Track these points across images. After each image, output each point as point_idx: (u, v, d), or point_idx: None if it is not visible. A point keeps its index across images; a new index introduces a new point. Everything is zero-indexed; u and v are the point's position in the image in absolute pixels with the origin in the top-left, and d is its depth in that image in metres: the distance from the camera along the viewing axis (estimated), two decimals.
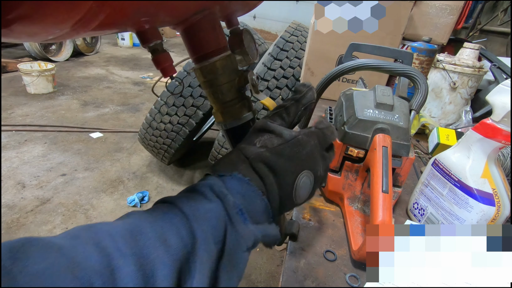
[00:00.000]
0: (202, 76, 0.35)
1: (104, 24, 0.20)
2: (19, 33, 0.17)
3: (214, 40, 0.34)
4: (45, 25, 0.17)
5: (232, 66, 0.35)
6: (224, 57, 0.35)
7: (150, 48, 0.30)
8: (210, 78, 0.35)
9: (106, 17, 0.19)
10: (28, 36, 0.18)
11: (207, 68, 0.34)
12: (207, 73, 0.35)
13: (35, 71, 3.03)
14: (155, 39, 0.29)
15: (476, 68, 0.97)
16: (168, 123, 1.65)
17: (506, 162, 0.64)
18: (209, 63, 0.34)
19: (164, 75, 0.32)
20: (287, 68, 1.52)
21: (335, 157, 0.38)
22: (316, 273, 0.43)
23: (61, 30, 0.18)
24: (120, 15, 0.21)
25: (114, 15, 0.20)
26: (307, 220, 0.53)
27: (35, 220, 1.61)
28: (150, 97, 3.36)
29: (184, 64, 1.66)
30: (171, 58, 0.32)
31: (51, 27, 0.18)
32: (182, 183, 2.07)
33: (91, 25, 0.19)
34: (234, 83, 0.35)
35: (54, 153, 2.20)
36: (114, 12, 0.20)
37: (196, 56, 0.35)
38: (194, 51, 0.35)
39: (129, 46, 5.85)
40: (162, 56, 0.31)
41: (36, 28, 0.17)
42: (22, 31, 0.17)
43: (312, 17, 0.97)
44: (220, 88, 0.35)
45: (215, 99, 0.36)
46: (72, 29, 0.18)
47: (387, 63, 0.56)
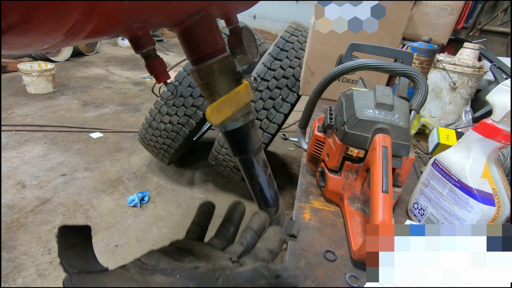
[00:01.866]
0: (200, 79, 0.35)
1: (95, 32, 0.20)
2: (13, 44, 0.17)
3: (211, 42, 0.34)
4: (37, 35, 0.17)
5: (229, 68, 0.35)
6: (221, 59, 0.34)
7: (143, 54, 0.30)
8: (207, 80, 0.35)
9: (96, 26, 0.19)
10: (23, 47, 0.18)
11: (204, 71, 0.34)
12: (204, 75, 0.34)
13: (35, 71, 3.03)
14: (148, 45, 0.29)
15: (476, 68, 0.97)
16: (168, 123, 1.65)
17: (506, 162, 0.64)
18: (206, 66, 0.34)
19: (158, 81, 0.31)
20: (287, 68, 1.52)
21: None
22: (316, 273, 0.43)
23: (54, 39, 0.18)
24: (111, 23, 0.21)
25: (104, 23, 0.20)
26: (307, 220, 0.53)
27: (35, 220, 1.61)
28: (150, 97, 3.36)
29: (184, 64, 1.66)
30: (165, 64, 0.31)
31: (43, 37, 0.18)
32: (182, 183, 2.07)
33: (82, 33, 0.19)
34: (231, 85, 0.35)
35: (54, 153, 2.20)
36: (104, 21, 0.20)
37: (193, 58, 0.35)
38: (191, 53, 0.34)
39: (129, 46, 5.85)
40: (155, 62, 0.30)
41: (29, 39, 0.17)
42: (16, 42, 0.17)
43: (312, 17, 0.97)
44: (217, 90, 0.35)
45: (213, 101, 0.36)
46: (65, 38, 0.18)
47: (387, 63, 0.56)
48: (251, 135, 0.38)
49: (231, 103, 0.35)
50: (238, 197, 1.98)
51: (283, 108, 1.51)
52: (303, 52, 1.54)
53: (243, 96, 0.36)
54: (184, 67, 1.61)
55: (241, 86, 0.36)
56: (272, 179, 0.43)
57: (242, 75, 0.36)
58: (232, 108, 0.35)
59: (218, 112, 0.35)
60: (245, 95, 0.37)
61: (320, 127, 0.61)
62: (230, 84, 0.35)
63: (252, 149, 0.39)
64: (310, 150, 0.63)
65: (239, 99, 0.36)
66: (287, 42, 1.55)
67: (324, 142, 0.59)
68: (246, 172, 0.41)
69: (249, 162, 0.40)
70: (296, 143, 2.65)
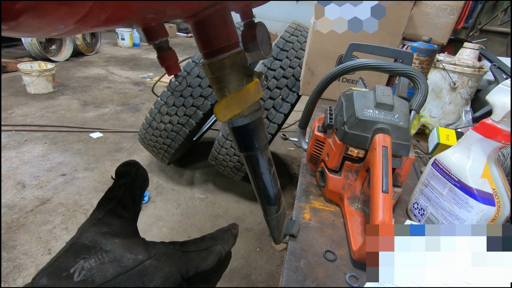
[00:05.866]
0: (210, 73, 0.35)
1: (108, 21, 0.20)
2: (26, 26, 0.17)
3: (225, 36, 0.33)
4: (51, 19, 0.17)
5: (241, 64, 0.35)
6: (233, 54, 0.34)
7: (156, 45, 0.29)
8: (218, 75, 0.34)
9: (110, 15, 0.19)
10: (34, 31, 0.18)
11: (215, 65, 0.34)
12: (215, 70, 0.34)
13: (35, 71, 3.03)
14: (161, 36, 0.28)
15: (476, 68, 0.97)
16: (168, 123, 1.65)
17: (506, 162, 0.64)
18: (217, 60, 0.33)
19: (168, 73, 0.31)
20: (287, 68, 1.52)
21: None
22: (316, 273, 0.43)
23: (66, 26, 0.18)
24: (125, 13, 0.21)
25: (118, 13, 0.20)
26: (307, 220, 0.53)
27: (35, 220, 1.61)
28: (150, 97, 3.36)
29: (184, 64, 1.65)
30: (177, 56, 0.31)
31: (56, 22, 0.18)
32: (182, 183, 2.07)
33: (95, 22, 0.19)
34: (242, 81, 0.35)
35: (54, 153, 2.20)
36: (118, 11, 0.20)
37: (205, 51, 0.34)
38: (203, 46, 0.34)
39: (129, 46, 5.85)
40: (168, 54, 0.30)
41: (43, 22, 0.17)
42: (29, 25, 0.17)
43: (312, 17, 0.97)
44: (227, 85, 0.35)
45: (222, 96, 0.36)
46: (77, 25, 0.18)
47: (387, 63, 0.56)
48: (258, 133, 0.38)
49: (239, 101, 0.35)
50: (238, 197, 1.98)
51: (283, 108, 1.51)
52: (303, 52, 1.54)
53: (252, 94, 0.36)
54: (184, 67, 1.61)
55: (251, 84, 0.36)
56: (276, 177, 0.43)
57: (253, 72, 0.35)
58: (241, 105, 0.35)
59: (226, 109, 0.34)
60: (254, 93, 0.36)
61: (320, 127, 0.61)
62: (240, 80, 0.35)
63: (258, 147, 0.39)
64: (310, 150, 0.63)
65: (248, 97, 0.36)
66: (287, 42, 1.55)
67: (324, 142, 0.59)
68: (251, 169, 0.41)
69: (254, 159, 0.40)
70: (296, 143, 2.65)
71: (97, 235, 0.21)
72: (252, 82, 0.36)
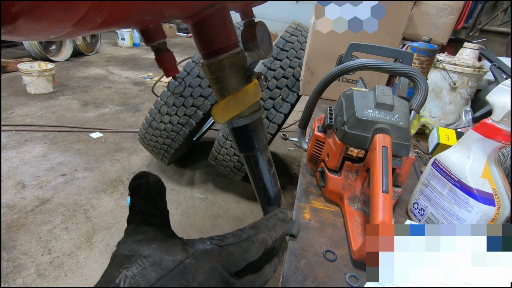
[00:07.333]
0: (210, 73, 0.34)
1: (105, 23, 0.20)
2: (23, 29, 0.17)
3: (224, 37, 0.33)
4: (48, 22, 0.17)
5: (240, 64, 0.34)
6: (232, 54, 0.34)
7: (154, 47, 0.29)
8: (217, 75, 0.34)
9: (106, 17, 0.19)
10: (31, 34, 0.18)
11: (215, 65, 0.34)
12: (215, 70, 0.34)
13: (35, 71, 3.03)
14: (159, 38, 0.28)
15: (476, 68, 0.97)
16: (168, 123, 1.65)
17: (506, 162, 0.64)
18: (216, 61, 0.33)
19: (166, 75, 0.31)
20: (287, 68, 1.52)
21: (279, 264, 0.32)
22: (316, 273, 0.43)
23: (63, 29, 0.18)
24: (122, 15, 0.21)
25: (115, 16, 0.20)
26: (307, 220, 0.53)
27: (35, 220, 1.61)
28: (150, 97, 3.36)
29: (184, 64, 1.65)
30: (174, 58, 0.31)
31: (53, 25, 0.18)
32: (182, 183, 2.07)
33: (92, 24, 0.19)
34: (241, 82, 0.35)
35: (54, 153, 2.20)
36: (115, 13, 0.20)
37: (204, 52, 0.34)
38: (202, 47, 0.34)
39: (129, 46, 5.85)
40: (166, 56, 0.30)
41: (40, 26, 0.17)
42: (26, 28, 0.17)
43: (312, 17, 0.97)
44: (226, 86, 0.35)
45: (221, 97, 0.36)
46: (74, 28, 0.18)
47: (387, 63, 0.56)
48: (257, 133, 0.38)
49: (238, 102, 0.35)
50: (238, 197, 1.98)
51: (283, 108, 1.51)
52: (303, 52, 1.54)
53: (251, 95, 0.36)
54: (184, 67, 1.61)
55: (250, 85, 0.36)
56: (276, 178, 0.43)
57: (252, 72, 0.35)
58: (239, 107, 0.35)
59: (224, 111, 0.34)
60: (253, 94, 0.36)
61: (320, 127, 0.61)
62: (239, 81, 0.35)
63: (258, 147, 0.39)
64: (310, 150, 0.63)
65: (246, 98, 0.35)
66: (287, 42, 1.55)
67: (324, 142, 0.59)
68: (250, 169, 0.41)
69: (253, 160, 0.40)
70: (296, 143, 2.65)
71: (134, 244, 0.22)
72: (251, 84, 0.36)
